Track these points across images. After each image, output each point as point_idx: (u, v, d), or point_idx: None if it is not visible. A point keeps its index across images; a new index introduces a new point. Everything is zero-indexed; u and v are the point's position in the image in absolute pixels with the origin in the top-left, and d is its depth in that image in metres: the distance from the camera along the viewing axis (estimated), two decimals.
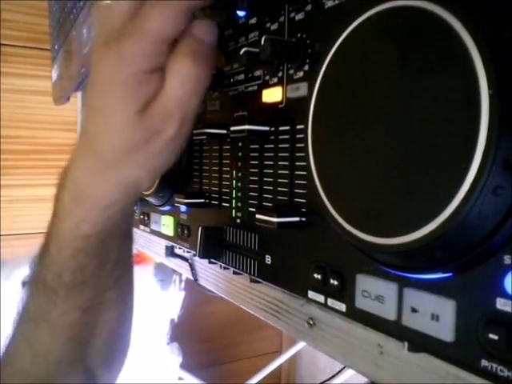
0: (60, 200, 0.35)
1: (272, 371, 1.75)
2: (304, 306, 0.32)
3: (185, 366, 1.51)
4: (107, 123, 0.29)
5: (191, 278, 0.48)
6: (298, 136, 0.30)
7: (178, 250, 0.48)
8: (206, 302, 1.58)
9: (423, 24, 0.19)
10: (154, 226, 0.50)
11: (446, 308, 0.21)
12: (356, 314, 0.25)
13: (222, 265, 0.39)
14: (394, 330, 0.23)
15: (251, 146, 0.34)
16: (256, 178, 0.34)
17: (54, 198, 0.36)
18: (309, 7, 0.29)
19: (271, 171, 0.32)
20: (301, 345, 1.75)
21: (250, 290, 0.38)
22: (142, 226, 0.53)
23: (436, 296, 0.21)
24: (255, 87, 0.34)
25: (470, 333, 0.20)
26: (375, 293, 0.24)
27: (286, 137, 0.30)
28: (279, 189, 0.31)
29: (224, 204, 0.38)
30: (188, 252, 0.44)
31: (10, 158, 1.52)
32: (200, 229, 0.38)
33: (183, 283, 1.41)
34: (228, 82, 0.37)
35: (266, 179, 0.33)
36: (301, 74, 0.29)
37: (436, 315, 0.21)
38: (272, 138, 0.32)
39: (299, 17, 0.30)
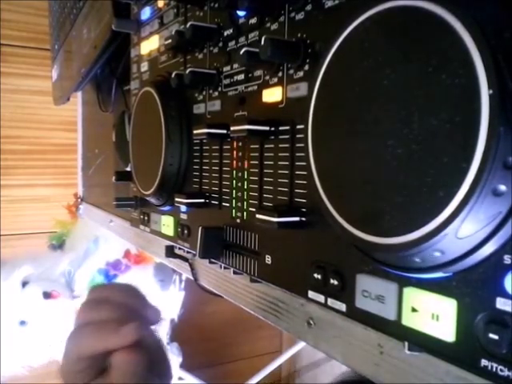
0: None
1: (272, 371, 1.75)
2: (304, 305, 0.32)
3: (185, 366, 1.51)
4: None
5: (191, 277, 0.48)
6: (298, 136, 0.30)
7: (178, 250, 0.48)
8: (206, 302, 1.58)
9: (423, 24, 0.19)
10: (154, 226, 0.50)
11: (446, 308, 0.21)
12: (356, 314, 0.25)
13: (222, 265, 0.39)
14: (394, 329, 0.23)
15: (251, 146, 0.34)
16: (256, 178, 0.34)
17: None
18: (309, 7, 0.29)
19: (271, 171, 0.32)
20: (301, 345, 1.75)
21: (250, 290, 0.38)
22: (141, 226, 0.53)
23: (436, 296, 0.21)
24: (255, 87, 0.34)
25: (470, 332, 0.20)
26: (375, 293, 0.24)
27: (286, 137, 0.30)
28: (279, 189, 0.31)
29: (224, 204, 0.38)
30: (188, 252, 0.44)
31: (9, 157, 1.52)
32: (200, 229, 0.38)
33: (183, 283, 1.41)
34: (228, 82, 0.37)
35: (266, 179, 0.33)
36: (301, 73, 0.29)
37: (436, 315, 0.21)
38: (272, 137, 0.32)
39: (299, 17, 0.30)
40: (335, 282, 0.26)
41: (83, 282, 1.30)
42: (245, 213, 0.35)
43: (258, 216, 0.30)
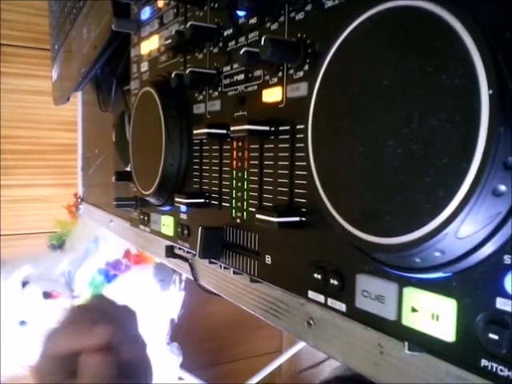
0: None
1: (272, 371, 1.75)
2: (304, 305, 0.32)
3: (185, 365, 1.51)
4: None
5: (191, 277, 0.48)
6: (298, 136, 0.30)
7: (177, 250, 0.48)
8: (206, 302, 1.58)
9: (423, 24, 0.19)
10: (154, 226, 0.50)
11: (446, 308, 0.21)
12: (356, 314, 0.25)
13: (222, 265, 0.39)
14: (394, 329, 0.23)
15: (251, 146, 0.34)
16: (256, 178, 0.34)
17: None
18: (309, 7, 0.29)
19: (271, 171, 0.32)
20: (301, 345, 1.75)
21: (250, 290, 0.38)
22: (141, 226, 0.53)
23: (436, 296, 0.21)
24: (255, 87, 0.34)
25: (470, 332, 0.20)
26: (375, 293, 0.24)
27: (286, 137, 0.30)
28: (279, 189, 0.31)
29: (224, 204, 0.38)
30: (188, 252, 0.44)
31: (9, 157, 1.52)
32: (200, 229, 0.38)
33: (183, 283, 1.41)
34: (228, 82, 0.37)
35: (266, 179, 0.33)
36: (301, 73, 0.29)
37: (436, 315, 0.21)
38: (272, 137, 0.32)
39: (299, 17, 0.30)
40: (335, 282, 0.26)
41: (83, 281, 1.30)
42: (245, 213, 0.35)
43: (257, 216, 0.30)
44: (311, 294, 0.28)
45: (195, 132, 0.38)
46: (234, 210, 0.37)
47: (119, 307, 0.43)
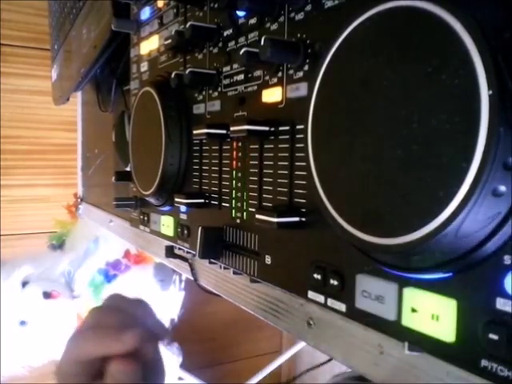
0: None
1: (272, 371, 1.75)
2: (304, 305, 0.32)
3: (185, 366, 1.51)
4: None
5: (191, 278, 0.48)
6: (298, 136, 0.30)
7: (177, 251, 0.48)
8: (206, 302, 1.58)
9: (423, 24, 0.19)
10: (153, 226, 0.50)
11: (446, 308, 0.21)
12: (356, 314, 0.25)
13: (222, 265, 0.39)
14: (394, 329, 0.23)
15: (251, 146, 0.34)
16: (256, 178, 0.34)
17: None
18: (309, 7, 0.29)
19: (271, 171, 0.32)
20: (301, 345, 1.75)
21: (250, 290, 0.38)
22: (141, 226, 0.53)
23: (436, 296, 0.21)
24: (255, 87, 0.34)
25: (470, 333, 0.20)
26: (375, 293, 0.24)
27: (286, 137, 0.30)
28: (279, 189, 0.31)
29: (224, 204, 0.38)
30: (188, 252, 0.44)
31: (9, 158, 1.52)
32: (200, 229, 0.38)
33: (183, 283, 1.41)
34: (228, 82, 0.37)
35: (265, 179, 0.33)
36: (301, 74, 0.29)
37: (436, 315, 0.21)
38: (272, 138, 0.32)
39: (299, 17, 0.30)
40: (335, 282, 0.26)
41: (83, 281, 1.30)
42: (244, 213, 0.35)
43: (257, 216, 0.30)
44: (311, 294, 0.28)
45: (195, 132, 0.38)
46: (233, 210, 0.37)
47: (135, 302, 0.43)
